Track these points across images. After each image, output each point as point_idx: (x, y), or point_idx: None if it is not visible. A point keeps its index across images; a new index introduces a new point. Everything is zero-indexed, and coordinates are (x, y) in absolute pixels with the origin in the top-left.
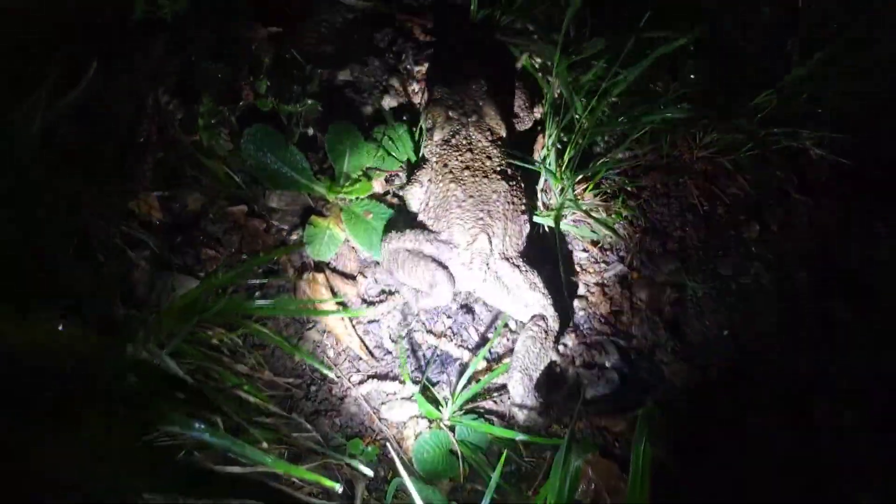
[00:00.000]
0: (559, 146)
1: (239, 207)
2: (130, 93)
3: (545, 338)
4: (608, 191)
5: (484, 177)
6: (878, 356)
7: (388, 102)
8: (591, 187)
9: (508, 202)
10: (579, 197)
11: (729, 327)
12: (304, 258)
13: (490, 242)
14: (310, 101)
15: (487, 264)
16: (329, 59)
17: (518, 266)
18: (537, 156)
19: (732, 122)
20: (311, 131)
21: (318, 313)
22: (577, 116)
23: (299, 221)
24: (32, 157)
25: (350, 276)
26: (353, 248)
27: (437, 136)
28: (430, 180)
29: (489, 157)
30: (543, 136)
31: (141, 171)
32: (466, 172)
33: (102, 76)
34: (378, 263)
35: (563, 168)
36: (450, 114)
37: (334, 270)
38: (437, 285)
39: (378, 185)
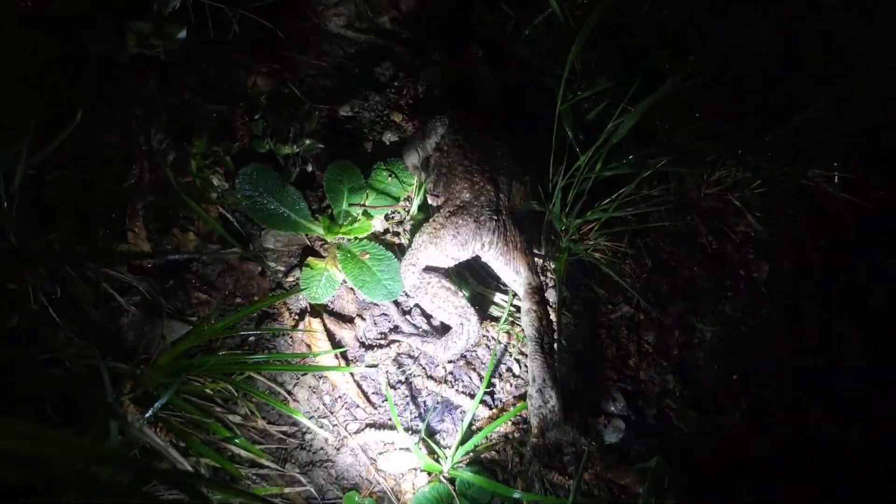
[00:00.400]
0: (563, 186)
1: (232, 250)
2: (122, 133)
3: (545, 312)
4: (616, 230)
5: (487, 133)
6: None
7: (389, 138)
8: (597, 227)
9: (510, 160)
10: (586, 237)
11: (738, 371)
12: (301, 300)
13: (498, 193)
14: (308, 141)
15: (497, 215)
16: (329, 94)
17: (519, 226)
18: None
19: (741, 160)
20: (309, 168)
21: (312, 369)
22: (581, 160)
23: (296, 262)
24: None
25: (348, 319)
26: (352, 289)
27: (437, 91)
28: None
29: (489, 117)
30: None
31: (132, 214)
32: (469, 125)
33: (92, 116)
34: (377, 304)
35: (568, 209)
36: (447, 74)
37: (332, 313)
38: (469, 320)
39: (378, 223)
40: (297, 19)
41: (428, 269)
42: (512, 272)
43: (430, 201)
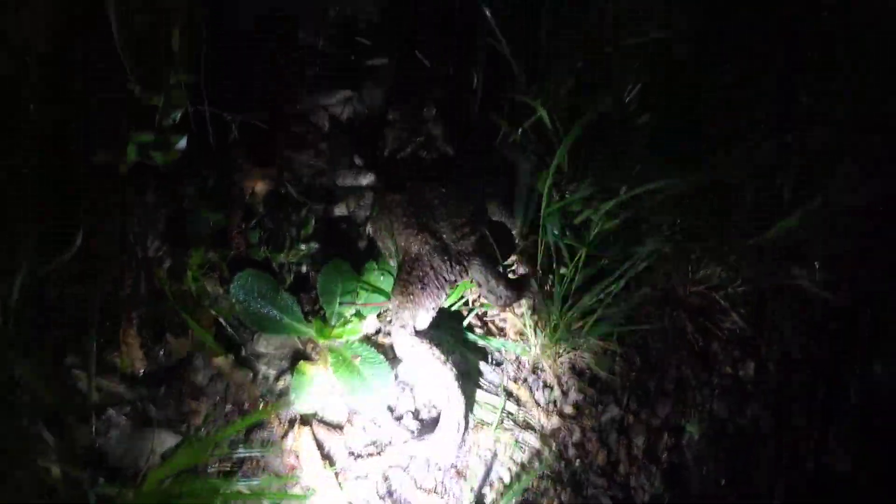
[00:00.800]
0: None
1: (224, 359)
2: (118, 242)
3: (493, 263)
4: (604, 330)
5: (427, 186)
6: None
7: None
8: (588, 327)
9: (449, 204)
10: (575, 336)
11: (726, 475)
12: (292, 407)
13: (437, 236)
14: (304, 248)
15: (445, 255)
16: (325, 192)
17: (476, 247)
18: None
19: (724, 261)
20: (304, 268)
21: (301, 498)
22: (565, 267)
23: (287, 366)
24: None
25: (338, 426)
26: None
27: (387, 151)
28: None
29: (434, 170)
30: (533, 269)
31: (126, 324)
32: (408, 184)
33: (89, 226)
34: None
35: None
36: (400, 135)
37: (321, 421)
38: (451, 390)
39: (371, 322)
40: (295, 121)
41: (419, 334)
42: (491, 296)
43: (392, 263)
